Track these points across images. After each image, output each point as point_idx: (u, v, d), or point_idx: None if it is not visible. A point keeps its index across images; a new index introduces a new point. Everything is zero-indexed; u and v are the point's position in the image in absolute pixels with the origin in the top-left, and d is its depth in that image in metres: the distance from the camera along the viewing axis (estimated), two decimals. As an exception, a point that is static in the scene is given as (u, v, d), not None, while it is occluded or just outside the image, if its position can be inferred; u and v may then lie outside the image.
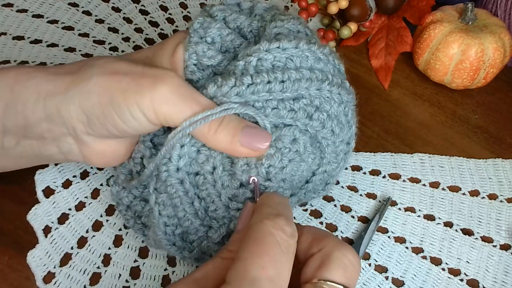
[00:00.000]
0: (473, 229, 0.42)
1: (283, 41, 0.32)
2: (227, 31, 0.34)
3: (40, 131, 0.32)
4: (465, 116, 0.50)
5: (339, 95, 0.34)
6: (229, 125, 0.31)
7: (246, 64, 0.32)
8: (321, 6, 0.53)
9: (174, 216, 0.33)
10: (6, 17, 0.52)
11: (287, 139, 0.32)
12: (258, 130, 0.31)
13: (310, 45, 0.33)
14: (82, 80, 0.31)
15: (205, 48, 0.33)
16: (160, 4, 0.56)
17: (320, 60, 0.34)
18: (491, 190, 0.44)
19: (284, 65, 0.32)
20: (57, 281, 0.38)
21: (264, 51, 0.32)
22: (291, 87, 0.32)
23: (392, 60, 0.52)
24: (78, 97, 0.30)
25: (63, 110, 0.31)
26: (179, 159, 0.32)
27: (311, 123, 0.33)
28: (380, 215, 0.42)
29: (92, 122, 0.31)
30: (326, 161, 0.36)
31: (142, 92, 0.30)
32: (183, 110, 0.30)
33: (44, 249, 0.39)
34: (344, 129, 0.36)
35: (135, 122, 0.31)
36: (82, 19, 0.53)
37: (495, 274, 0.40)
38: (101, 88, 0.30)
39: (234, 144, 0.30)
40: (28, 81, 0.31)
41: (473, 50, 0.47)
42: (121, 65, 0.31)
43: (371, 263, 0.40)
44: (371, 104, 0.50)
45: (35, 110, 0.31)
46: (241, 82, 0.31)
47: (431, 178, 0.45)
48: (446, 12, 0.50)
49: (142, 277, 0.38)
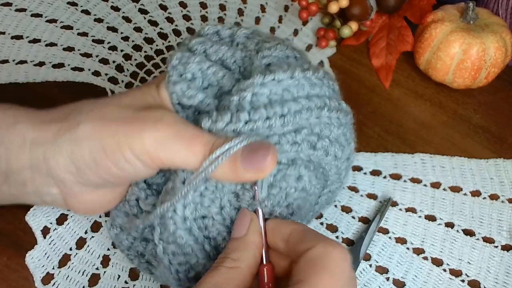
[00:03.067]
0: (474, 230, 0.42)
1: (277, 73, 0.30)
2: (208, 63, 0.32)
3: (22, 179, 0.30)
4: (467, 116, 0.50)
5: (338, 119, 0.33)
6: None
7: (241, 100, 0.30)
8: (322, 5, 0.53)
9: (186, 263, 0.32)
10: (5, 16, 0.52)
11: (291, 179, 0.31)
12: (256, 148, 0.28)
13: (305, 72, 0.31)
14: (70, 127, 0.29)
15: (184, 88, 0.31)
16: (160, 3, 0.55)
17: (315, 85, 0.32)
18: (492, 191, 0.44)
19: (281, 98, 0.30)
20: (56, 282, 0.37)
21: (258, 85, 0.30)
22: (292, 121, 0.30)
23: (393, 60, 0.52)
24: (67, 146, 0.29)
25: (51, 159, 0.29)
26: (184, 209, 0.31)
27: (315, 153, 0.32)
28: (381, 216, 0.42)
29: (83, 171, 0.29)
30: (330, 182, 0.36)
31: (133, 137, 0.28)
32: (179, 149, 0.29)
33: (43, 250, 0.38)
34: (345, 149, 0.35)
35: (130, 167, 0.29)
36: (81, 18, 0.53)
37: (496, 275, 0.40)
38: (90, 134, 0.29)
39: (237, 171, 0.28)
40: (14, 125, 0.30)
41: (475, 49, 0.46)
42: (109, 110, 0.30)
43: (372, 264, 0.40)
44: (372, 104, 0.50)
45: (19, 156, 0.29)
46: (238, 118, 0.29)
47: (432, 178, 0.45)
48: (447, 11, 0.50)
49: (141, 278, 0.38)
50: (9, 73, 0.48)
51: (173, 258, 0.32)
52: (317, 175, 0.33)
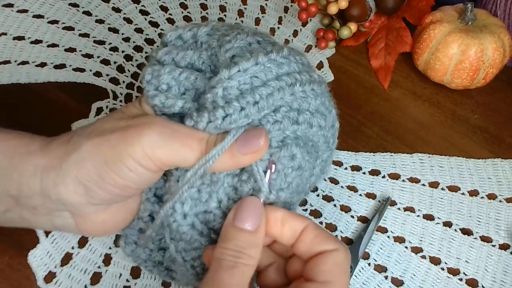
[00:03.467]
0: (472, 229, 0.42)
1: (241, 63, 0.31)
2: (179, 71, 0.33)
3: (34, 204, 0.31)
4: (465, 116, 0.50)
5: (313, 91, 0.34)
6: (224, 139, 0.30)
7: (214, 96, 0.31)
8: (321, 6, 0.53)
9: (199, 257, 0.33)
10: (7, 17, 0.52)
11: (285, 159, 0.32)
12: (248, 132, 0.30)
13: (268, 55, 0.32)
14: (73, 150, 0.30)
15: (163, 99, 0.32)
16: (161, 5, 0.56)
17: (282, 64, 0.33)
18: (490, 190, 0.45)
19: (251, 86, 0.31)
20: (58, 280, 0.38)
21: (226, 79, 0.31)
22: (267, 105, 0.31)
23: (392, 60, 0.52)
24: (72, 168, 0.30)
25: (60, 185, 0.30)
26: (182, 206, 0.31)
27: (300, 127, 0.33)
28: (380, 215, 0.42)
29: (91, 189, 0.31)
30: (321, 153, 0.36)
31: (131, 144, 0.29)
32: (177, 148, 0.30)
33: (45, 248, 0.39)
34: (327, 118, 0.35)
35: (134, 174, 0.30)
36: (82, 20, 0.53)
37: (494, 274, 0.40)
38: (92, 152, 0.30)
39: (235, 158, 0.30)
40: (27, 155, 0.31)
41: (473, 50, 0.47)
42: (106, 125, 0.31)
43: (371, 262, 0.41)
44: (371, 104, 0.50)
45: (31, 183, 0.31)
46: (215, 116, 0.30)
47: (430, 178, 0.45)
48: (445, 12, 0.50)
49: (143, 277, 0.39)
50: (11, 73, 0.48)
51: (185, 254, 0.32)
52: (308, 149, 0.34)
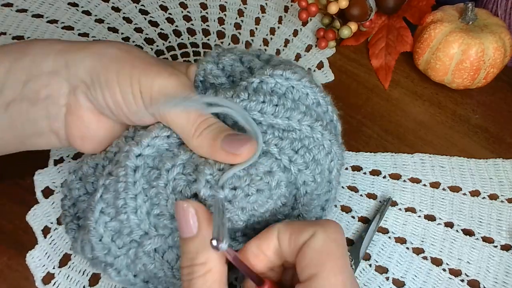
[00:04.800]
0: (473, 230, 0.42)
1: (287, 71, 0.33)
2: (239, 64, 0.36)
3: (38, 87, 0.32)
4: (466, 116, 0.50)
5: (330, 143, 0.34)
6: (215, 128, 0.31)
7: (248, 84, 0.33)
8: (321, 6, 0.53)
9: (113, 205, 0.31)
10: (6, 16, 0.52)
11: (262, 168, 0.31)
12: (242, 136, 0.30)
13: (312, 84, 0.34)
14: (99, 45, 0.32)
15: (214, 68, 0.35)
16: (160, 4, 0.56)
17: (319, 104, 0.35)
18: (491, 190, 0.44)
19: (283, 93, 0.33)
20: (56, 281, 0.37)
21: (267, 74, 0.33)
22: (283, 113, 0.32)
23: (392, 60, 0.52)
24: (90, 58, 0.31)
25: (72, 67, 0.31)
26: (146, 147, 0.31)
27: (295, 157, 0.32)
28: (381, 216, 0.42)
29: (94, 87, 0.31)
30: (296, 213, 0.34)
31: (147, 75, 0.30)
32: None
33: (43, 249, 0.39)
34: (324, 184, 0.35)
35: (133, 102, 0.31)
36: (81, 19, 0.53)
37: (496, 275, 0.40)
38: (114, 56, 0.31)
39: (214, 146, 0.30)
40: (41, 41, 0.32)
41: (474, 50, 0.47)
42: (139, 51, 0.32)
43: (372, 263, 0.40)
44: (371, 104, 0.50)
45: (42, 63, 0.31)
46: (238, 95, 0.32)
47: (431, 178, 0.45)
48: (446, 12, 0.50)
49: (142, 278, 0.38)
50: (10, 73, 0.48)
51: (105, 191, 0.31)
52: (288, 188, 0.33)
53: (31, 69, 0.32)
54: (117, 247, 0.32)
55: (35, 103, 0.32)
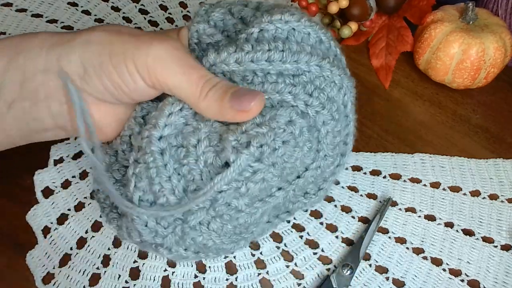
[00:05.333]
0: (474, 230, 0.42)
1: (285, 14, 0.33)
2: (230, 17, 0.35)
3: (35, 85, 0.32)
4: (466, 116, 0.50)
5: (340, 78, 0.34)
6: (220, 87, 0.30)
7: (248, 36, 0.32)
8: (322, 5, 0.53)
9: (149, 191, 0.31)
10: (5, 16, 0.52)
11: (282, 119, 0.31)
12: (249, 91, 0.30)
13: (312, 23, 0.33)
14: (84, 32, 0.31)
15: (206, 27, 0.34)
16: (160, 4, 0.55)
17: (322, 42, 0.34)
18: (492, 190, 0.44)
19: (285, 38, 0.32)
20: (57, 281, 0.37)
21: (266, 22, 0.32)
22: (291, 57, 0.31)
23: (393, 60, 0.52)
24: (79, 47, 0.31)
25: (63, 59, 0.31)
26: (164, 127, 0.31)
27: (311, 101, 0.32)
28: (381, 216, 0.42)
29: (89, 74, 0.31)
30: (322, 154, 0.35)
31: (139, 48, 0.30)
32: (176, 73, 0.30)
33: (43, 249, 0.39)
34: (341, 119, 0.35)
35: (130, 79, 0.31)
36: (81, 19, 0.53)
37: (496, 275, 0.40)
38: (102, 39, 0.31)
39: (223, 106, 0.30)
40: (33, 37, 0.32)
41: (474, 49, 0.47)
42: (126, 28, 0.32)
43: (372, 263, 0.40)
44: (372, 104, 0.50)
45: (36, 61, 0.31)
46: (241, 48, 0.31)
47: (431, 178, 0.45)
48: (446, 12, 0.50)
49: (142, 278, 0.38)
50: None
51: (139, 180, 0.31)
52: (310, 131, 0.33)
53: (26, 68, 0.31)
54: (163, 227, 0.32)
55: (36, 103, 0.32)
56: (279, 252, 0.40)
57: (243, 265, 0.39)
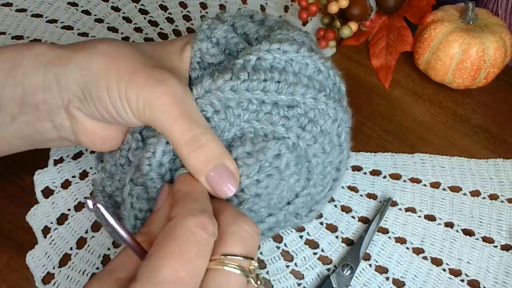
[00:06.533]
0: (474, 230, 0.42)
1: (284, 44, 0.32)
2: (233, 34, 0.34)
3: (36, 101, 0.32)
4: (466, 116, 0.50)
5: (335, 111, 0.34)
6: (204, 154, 0.30)
7: (245, 63, 0.32)
8: (321, 5, 0.53)
9: (148, 210, 0.32)
10: (5, 16, 0.52)
11: (270, 153, 0.31)
12: (230, 175, 0.30)
13: (311, 53, 0.33)
14: (85, 56, 0.31)
15: (209, 46, 0.34)
16: (160, 4, 0.55)
17: (320, 72, 0.34)
18: (492, 190, 0.44)
19: (282, 68, 0.32)
20: (56, 281, 0.37)
21: (264, 50, 0.32)
22: (286, 89, 0.31)
23: (393, 60, 0.52)
24: (78, 72, 0.31)
25: (62, 80, 0.31)
26: (163, 155, 0.31)
27: (304, 134, 0.32)
28: (381, 216, 0.42)
29: (86, 100, 0.31)
30: (312, 182, 0.35)
31: (131, 89, 0.30)
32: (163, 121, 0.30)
33: (43, 249, 0.39)
34: (334, 150, 0.35)
35: (124, 114, 0.31)
36: (81, 19, 0.53)
37: (496, 275, 0.40)
38: (100, 70, 0.30)
39: (201, 175, 0.30)
40: (29, 50, 0.32)
41: (474, 49, 0.47)
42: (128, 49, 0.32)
43: (372, 263, 0.40)
44: (372, 104, 0.50)
45: (34, 78, 0.31)
46: (237, 77, 0.31)
47: (431, 178, 0.45)
48: (446, 12, 0.50)
49: (142, 278, 0.38)
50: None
51: (136, 201, 0.32)
52: (299, 164, 0.33)
53: (25, 84, 0.31)
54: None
55: (38, 117, 0.32)
56: (279, 252, 0.40)
57: (243, 265, 0.39)
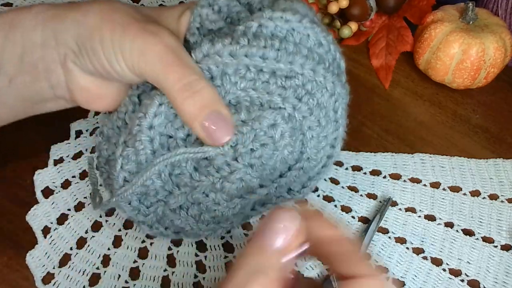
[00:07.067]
0: (474, 230, 0.42)
1: (287, 12, 0.31)
2: (235, 3, 0.34)
3: (34, 59, 0.32)
4: (466, 116, 0.50)
5: (333, 85, 0.33)
6: (199, 100, 0.29)
7: (246, 29, 0.31)
8: (321, 5, 0.53)
9: (136, 173, 0.32)
10: (5, 16, 0.52)
11: (266, 122, 0.31)
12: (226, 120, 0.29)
13: (313, 24, 0.32)
14: (80, 12, 0.31)
15: (210, 12, 0.33)
16: (160, 4, 0.55)
17: (321, 45, 0.33)
18: (492, 190, 0.44)
19: (283, 37, 0.31)
20: (56, 281, 0.37)
21: (266, 18, 0.31)
22: (286, 58, 0.31)
23: (393, 60, 0.52)
24: (74, 26, 0.31)
25: (59, 35, 0.31)
26: (154, 117, 0.31)
27: (299, 105, 0.32)
28: (381, 216, 0.42)
29: (82, 54, 0.31)
30: (305, 156, 0.35)
31: (124, 42, 0.30)
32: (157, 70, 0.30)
33: (43, 249, 0.39)
34: (330, 124, 0.35)
35: (119, 68, 0.31)
36: (81, 19, 0.53)
37: (496, 275, 0.40)
38: (95, 22, 0.31)
39: (194, 123, 0.29)
40: (27, 12, 0.32)
41: (474, 49, 0.47)
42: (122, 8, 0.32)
43: (372, 263, 0.40)
44: (372, 104, 0.50)
45: (33, 35, 0.32)
46: (237, 42, 0.30)
47: (431, 178, 0.45)
48: (446, 12, 0.50)
49: (142, 278, 0.38)
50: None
51: (126, 162, 0.32)
52: (293, 135, 0.33)
53: (24, 42, 0.32)
54: (146, 207, 0.34)
55: (36, 76, 0.33)
56: (279, 252, 0.40)
57: (243, 265, 0.39)
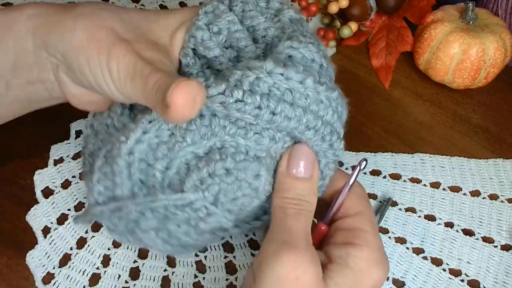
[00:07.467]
0: (474, 230, 0.42)
1: (289, 70, 0.29)
2: (237, 27, 0.31)
3: (28, 63, 0.32)
4: (466, 116, 0.50)
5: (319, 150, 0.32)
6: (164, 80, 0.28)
7: (243, 78, 0.29)
8: (321, 5, 0.53)
9: (111, 191, 0.32)
10: (5, 16, 0.52)
11: (251, 173, 0.30)
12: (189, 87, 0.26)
13: (316, 84, 0.30)
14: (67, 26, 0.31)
15: (206, 37, 0.31)
16: (160, 4, 0.55)
17: (321, 103, 0.31)
18: (492, 190, 0.44)
19: (281, 96, 0.29)
20: (57, 281, 0.37)
21: (266, 71, 0.29)
22: (279, 123, 0.29)
23: (393, 60, 0.52)
24: (60, 43, 0.31)
25: (50, 47, 0.32)
26: (135, 144, 0.30)
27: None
28: (381, 216, 0.42)
29: (72, 69, 0.31)
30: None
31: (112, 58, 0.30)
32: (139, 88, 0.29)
33: (43, 249, 0.39)
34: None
35: (106, 87, 0.31)
36: (81, 19, 0.53)
37: (496, 275, 0.40)
38: (81, 44, 0.30)
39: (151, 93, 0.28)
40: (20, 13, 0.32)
41: (474, 49, 0.47)
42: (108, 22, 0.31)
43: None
44: (372, 104, 0.50)
45: (24, 42, 0.32)
46: (231, 93, 0.28)
47: (431, 178, 0.45)
48: (446, 12, 0.50)
49: (142, 278, 0.38)
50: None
51: (103, 178, 0.31)
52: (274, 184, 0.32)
53: (16, 48, 0.32)
54: (116, 221, 0.33)
55: (31, 79, 0.33)
56: (279, 252, 0.40)
57: (243, 265, 0.39)
